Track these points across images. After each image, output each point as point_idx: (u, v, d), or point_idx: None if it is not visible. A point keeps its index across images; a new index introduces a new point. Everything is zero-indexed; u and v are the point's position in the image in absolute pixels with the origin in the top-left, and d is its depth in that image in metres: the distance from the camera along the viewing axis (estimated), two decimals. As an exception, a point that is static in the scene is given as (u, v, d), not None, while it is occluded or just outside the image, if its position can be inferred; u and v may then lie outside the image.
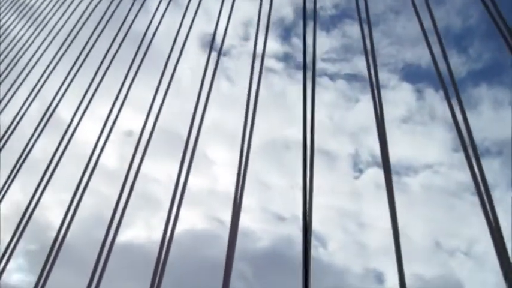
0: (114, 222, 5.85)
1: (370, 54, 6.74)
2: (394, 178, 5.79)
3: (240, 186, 5.52)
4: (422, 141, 5.83)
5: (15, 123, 9.83)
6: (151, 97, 7.85)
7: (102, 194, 7.47)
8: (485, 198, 4.31)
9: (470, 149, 5.16)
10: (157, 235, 5.72)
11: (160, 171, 6.94)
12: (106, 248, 5.65)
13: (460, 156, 5.25)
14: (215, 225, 6.15)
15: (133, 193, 6.61)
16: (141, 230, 6.59)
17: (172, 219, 5.43)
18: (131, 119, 8.02)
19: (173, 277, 6.31)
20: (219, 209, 6.21)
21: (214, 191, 6.61)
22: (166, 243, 5.15)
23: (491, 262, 4.72)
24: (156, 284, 4.80)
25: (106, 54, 10.06)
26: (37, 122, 9.12)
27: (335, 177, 5.99)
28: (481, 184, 4.43)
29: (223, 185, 6.50)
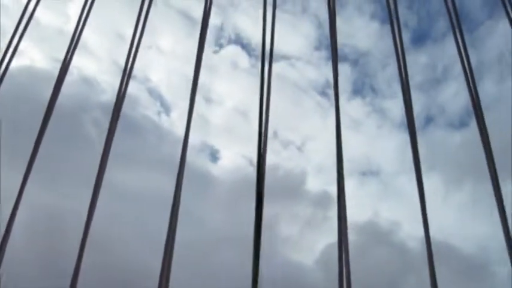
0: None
1: None
2: (250, 60, 5.67)
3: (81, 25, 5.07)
4: (288, 31, 5.72)
5: None
6: None
7: None
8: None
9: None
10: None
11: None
12: None
13: (319, 54, 5.29)
14: (56, 67, 5.66)
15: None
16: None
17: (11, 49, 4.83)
18: None
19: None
20: (63, 50, 5.69)
21: (64, 32, 6.03)
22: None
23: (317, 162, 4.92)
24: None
25: None
26: None
27: (194, 45, 5.68)
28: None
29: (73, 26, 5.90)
